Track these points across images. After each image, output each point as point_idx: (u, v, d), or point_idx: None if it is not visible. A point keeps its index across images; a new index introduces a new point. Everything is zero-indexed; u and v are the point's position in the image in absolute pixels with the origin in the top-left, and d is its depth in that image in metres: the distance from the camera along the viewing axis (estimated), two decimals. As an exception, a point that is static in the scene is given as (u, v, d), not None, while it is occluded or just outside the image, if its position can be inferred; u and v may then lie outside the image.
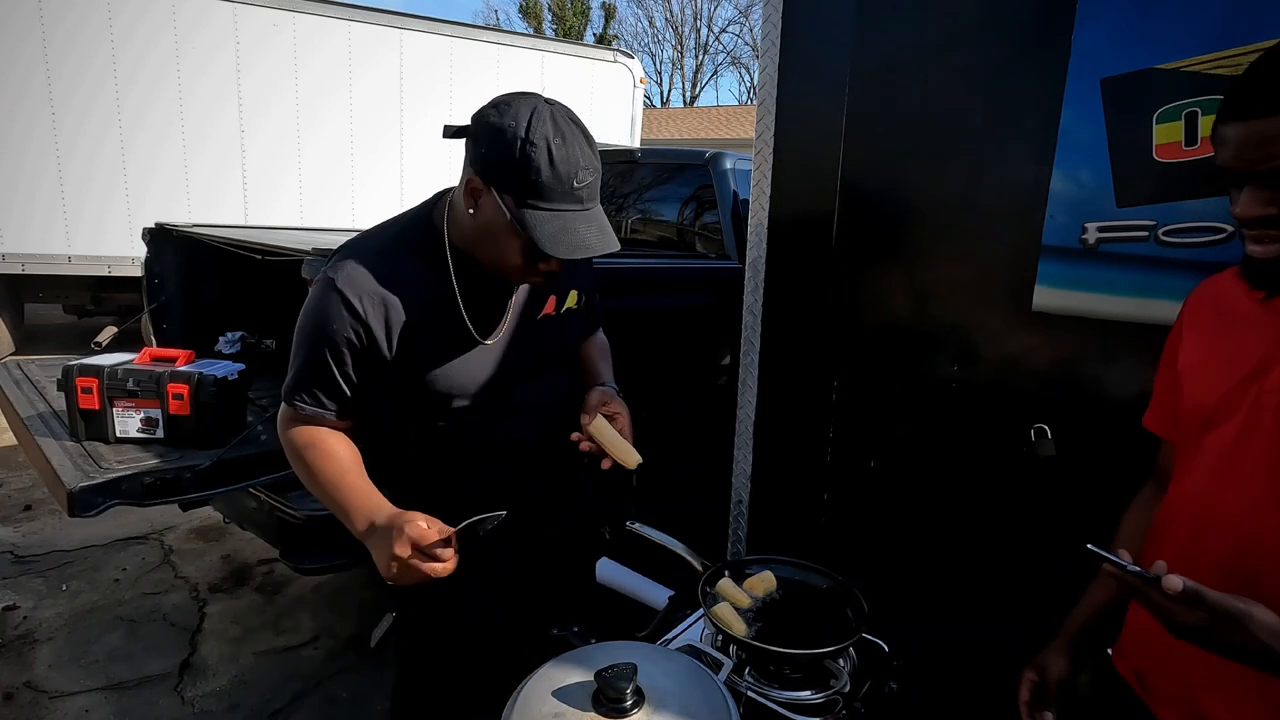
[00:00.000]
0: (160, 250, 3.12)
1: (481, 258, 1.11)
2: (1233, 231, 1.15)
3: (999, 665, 1.47)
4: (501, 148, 1.01)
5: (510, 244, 1.05)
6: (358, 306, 1.07)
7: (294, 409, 1.15)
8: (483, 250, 1.10)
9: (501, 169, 1.01)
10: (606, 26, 28.82)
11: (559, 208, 1.02)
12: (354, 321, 1.07)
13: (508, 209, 1.02)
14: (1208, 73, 1.15)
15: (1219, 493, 0.84)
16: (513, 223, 1.02)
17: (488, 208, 1.05)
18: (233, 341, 3.18)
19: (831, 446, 1.71)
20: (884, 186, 1.58)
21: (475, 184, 1.05)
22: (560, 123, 1.02)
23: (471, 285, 1.14)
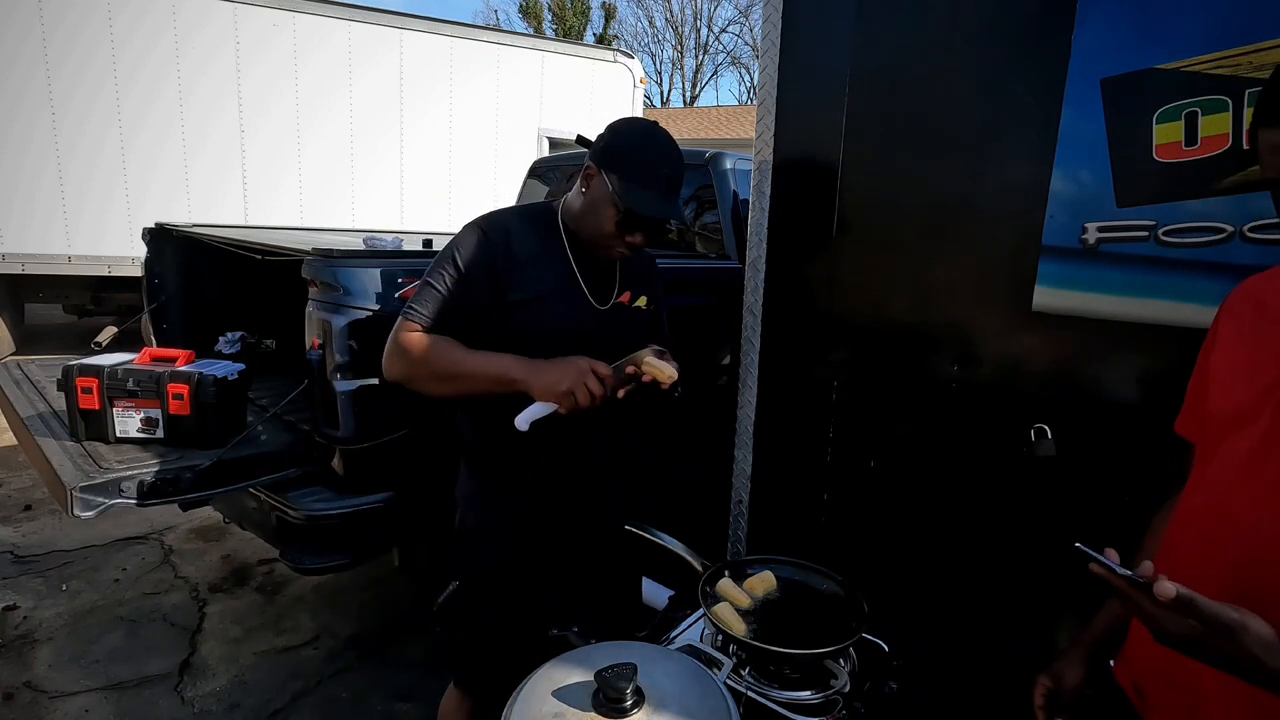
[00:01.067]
0: (160, 250, 3.12)
1: (585, 229, 1.38)
2: (1233, 231, 1.15)
3: (999, 665, 1.47)
4: (619, 140, 1.35)
5: (607, 213, 1.33)
6: (490, 233, 1.35)
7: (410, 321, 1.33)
8: (586, 222, 1.38)
9: (611, 151, 1.34)
10: (606, 26, 28.82)
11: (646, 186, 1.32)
12: (490, 248, 1.34)
13: (610, 184, 1.31)
14: (1208, 73, 1.15)
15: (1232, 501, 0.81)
16: (612, 194, 1.31)
17: (596, 186, 1.35)
18: (233, 341, 3.18)
19: (831, 446, 1.71)
20: (884, 186, 1.58)
21: (591, 169, 1.36)
22: (657, 129, 1.38)
23: (582, 259, 1.41)
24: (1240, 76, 1.12)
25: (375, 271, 2.04)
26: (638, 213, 1.31)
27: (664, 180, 1.35)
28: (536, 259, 1.38)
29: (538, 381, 1.24)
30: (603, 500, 1.54)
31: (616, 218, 1.33)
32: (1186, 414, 1.01)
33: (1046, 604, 1.42)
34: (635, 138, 1.36)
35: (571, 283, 1.40)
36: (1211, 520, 0.84)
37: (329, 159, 6.56)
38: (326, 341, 2.02)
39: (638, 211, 1.31)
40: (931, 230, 1.51)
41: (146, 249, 3.11)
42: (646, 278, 1.55)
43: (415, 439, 2.09)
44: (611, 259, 1.43)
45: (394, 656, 2.55)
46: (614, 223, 1.34)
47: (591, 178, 1.36)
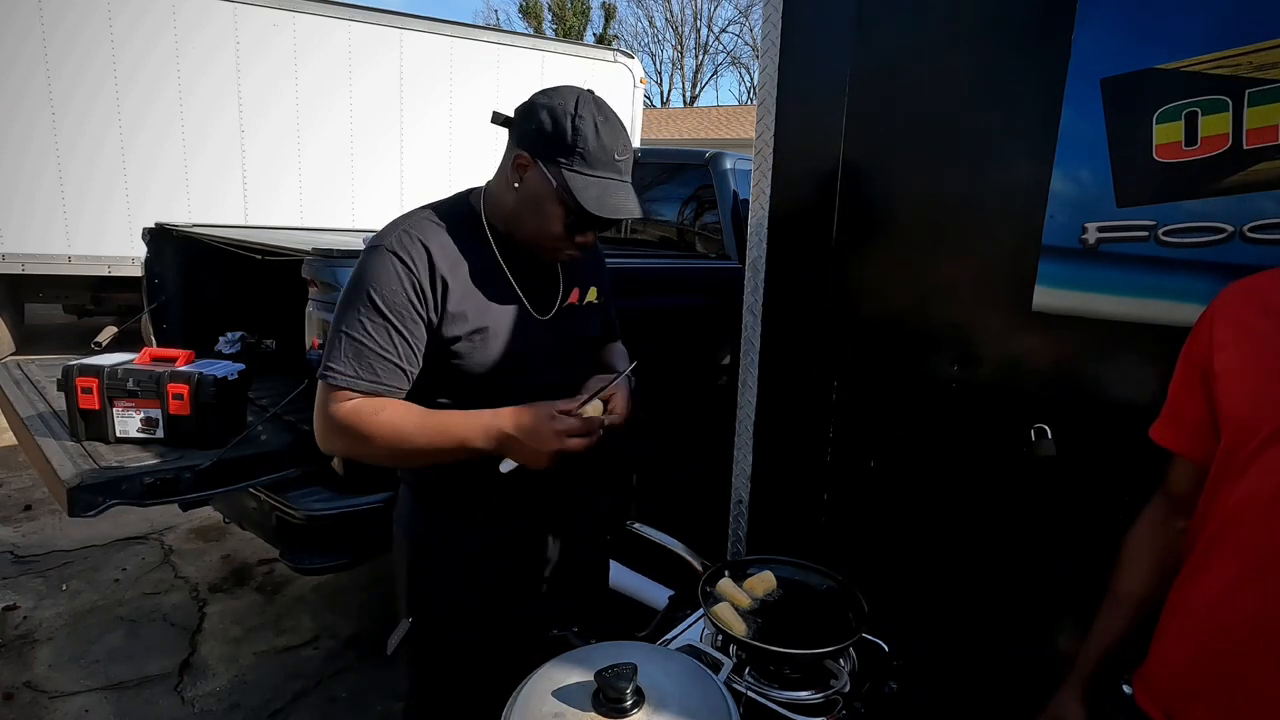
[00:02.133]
0: (160, 250, 3.12)
1: (522, 231, 1.17)
2: (1233, 231, 1.15)
3: (999, 665, 1.47)
4: (552, 122, 1.10)
5: (554, 211, 1.11)
6: (410, 263, 1.09)
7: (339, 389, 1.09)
8: (524, 223, 1.15)
9: (550, 141, 1.10)
10: (606, 26, 28.82)
11: (600, 175, 1.11)
12: (410, 277, 1.09)
13: (553, 177, 1.09)
14: (1208, 73, 1.15)
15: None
16: (558, 189, 1.09)
17: (533, 180, 1.12)
18: (233, 341, 3.18)
19: (831, 446, 1.71)
20: (884, 187, 1.58)
21: (523, 159, 1.12)
22: (602, 104, 1.14)
23: (516, 264, 1.20)
24: (1240, 76, 1.12)
25: (375, 271, 2.03)
26: (599, 213, 1.09)
27: (619, 167, 1.13)
28: (465, 277, 1.14)
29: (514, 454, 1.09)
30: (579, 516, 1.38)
31: (565, 218, 1.12)
32: (1170, 421, 0.97)
33: (1046, 604, 1.42)
34: (577, 118, 1.09)
35: (509, 299, 1.18)
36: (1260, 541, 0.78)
37: (329, 159, 6.56)
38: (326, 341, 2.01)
39: (599, 212, 1.09)
40: (931, 230, 1.51)
41: (146, 249, 3.11)
42: (593, 265, 1.34)
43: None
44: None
45: (394, 656, 2.55)
46: (562, 223, 1.12)
47: (525, 169, 1.12)
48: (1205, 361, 0.89)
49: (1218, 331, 0.89)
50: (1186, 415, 0.93)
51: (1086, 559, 1.35)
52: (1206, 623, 0.84)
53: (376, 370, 1.10)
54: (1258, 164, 1.12)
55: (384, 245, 1.11)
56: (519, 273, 1.20)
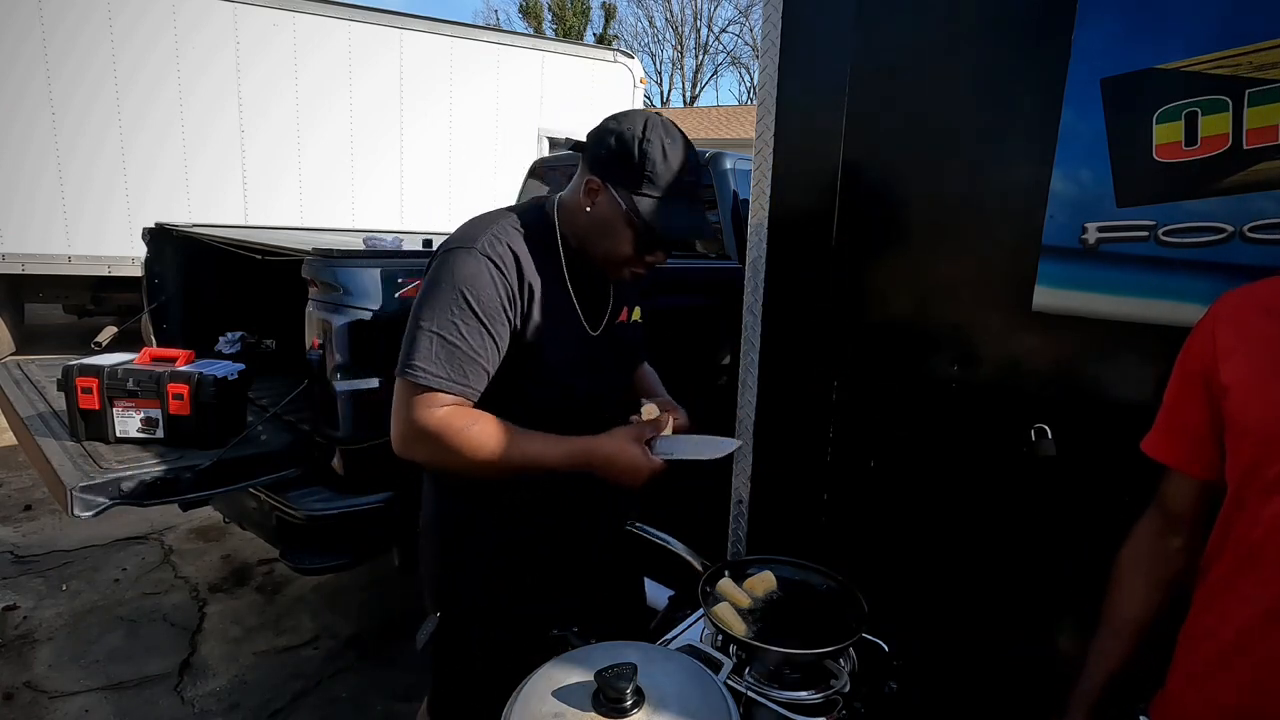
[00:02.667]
0: (160, 250, 3.12)
1: (593, 250, 1.20)
2: (1233, 231, 1.15)
3: (999, 665, 1.47)
4: (620, 147, 1.13)
5: (624, 234, 1.15)
6: (503, 267, 1.12)
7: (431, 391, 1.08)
8: (596, 243, 1.19)
9: (620, 166, 1.13)
10: (606, 26, 28.82)
11: (668, 197, 1.13)
12: (504, 282, 1.12)
13: (623, 201, 1.13)
14: (1208, 73, 1.15)
15: None
16: (627, 212, 1.13)
17: (604, 204, 1.15)
18: (233, 341, 3.19)
19: (831, 446, 1.71)
20: (884, 187, 1.58)
21: (594, 183, 1.15)
22: (669, 127, 1.16)
23: (578, 278, 1.23)
24: (1240, 76, 1.12)
25: (375, 271, 2.04)
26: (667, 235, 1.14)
27: (689, 187, 1.15)
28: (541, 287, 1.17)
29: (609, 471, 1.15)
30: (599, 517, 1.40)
31: (635, 240, 1.15)
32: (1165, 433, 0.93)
33: (1046, 604, 1.42)
34: (645, 142, 1.11)
35: (569, 312, 1.22)
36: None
37: (329, 159, 6.57)
38: (326, 341, 2.02)
39: (667, 234, 1.14)
40: (931, 230, 1.51)
41: (146, 249, 3.11)
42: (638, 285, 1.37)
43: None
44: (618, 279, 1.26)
45: (394, 656, 2.55)
46: (632, 245, 1.15)
47: (596, 193, 1.15)
48: (1208, 371, 0.84)
49: (1221, 339, 0.84)
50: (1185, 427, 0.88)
51: (1086, 559, 1.35)
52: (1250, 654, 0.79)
53: (467, 373, 1.10)
54: (1258, 164, 1.12)
55: (476, 248, 1.12)
56: (579, 287, 1.23)
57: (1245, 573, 0.80)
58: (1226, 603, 0.83)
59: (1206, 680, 0.84)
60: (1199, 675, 0.85)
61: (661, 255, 1.20)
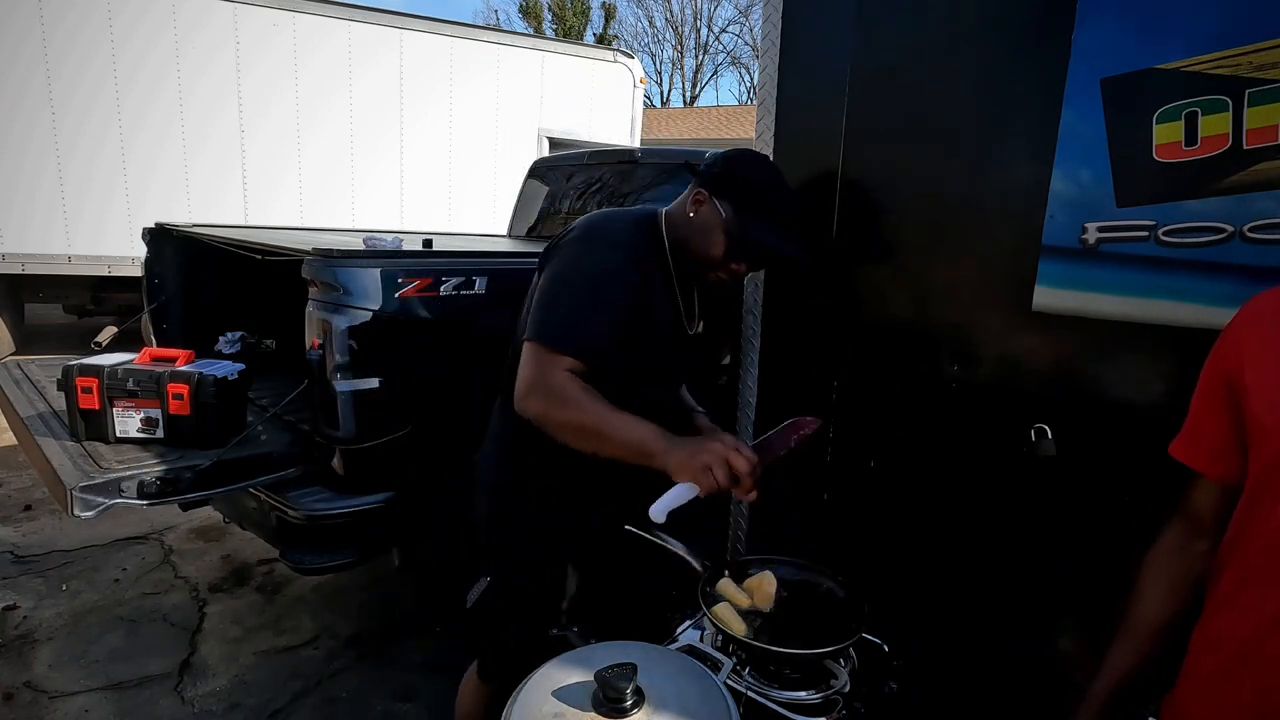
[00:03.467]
0: (160, 250, 3.12)
1: (687, 253, 1.36)
2: (1233, 231, 1.15)
3: (999, 665, 1.47)
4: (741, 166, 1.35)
5: (718, 239, 1.31)
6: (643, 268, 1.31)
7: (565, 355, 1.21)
8: (690, 246, 1.35)
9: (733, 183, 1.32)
10: (606, 26, 28.82)
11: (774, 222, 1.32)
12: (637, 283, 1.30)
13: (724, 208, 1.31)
14: (1208, 73, 1.15)
15: None
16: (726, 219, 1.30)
17: (705, 211, 1.33)
18: (233, 341, 3.18)
19: (831, 446, 1.71)
20: (884, 186, 1.58)
21: (700, 195, 1.33)
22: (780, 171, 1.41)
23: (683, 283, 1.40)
24: (1240, 76, 1.12)
25: (375, 271, 2.04)
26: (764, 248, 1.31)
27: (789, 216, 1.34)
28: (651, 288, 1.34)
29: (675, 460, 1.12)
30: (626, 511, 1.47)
31: (728, 247, 1.31)
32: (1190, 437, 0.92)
33: (1046, 604, 1.42)
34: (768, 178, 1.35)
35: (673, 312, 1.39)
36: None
37: (329, 159, 6.56)
38: (326, 341, 2.02)
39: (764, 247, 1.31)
40: (931, 230, 1.51)
41: (146, 249, 3.11)
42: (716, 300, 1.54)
43: (415, 439, 2.09)
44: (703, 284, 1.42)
45: (394, 656, 2.55)
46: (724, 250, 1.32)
47: (701, 204, 1.34)
48: (1233, 375, 0.84)
49: (1246, 341, 0.84)
50: (1210, 431, 0.88)
51: (1086, 559, 1.35)
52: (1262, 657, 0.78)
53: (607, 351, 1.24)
54: (1258, 164, 1.12)
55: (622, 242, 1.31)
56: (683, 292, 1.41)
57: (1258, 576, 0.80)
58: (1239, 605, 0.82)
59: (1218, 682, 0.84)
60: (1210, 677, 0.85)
61: (744, 265, 1.35)
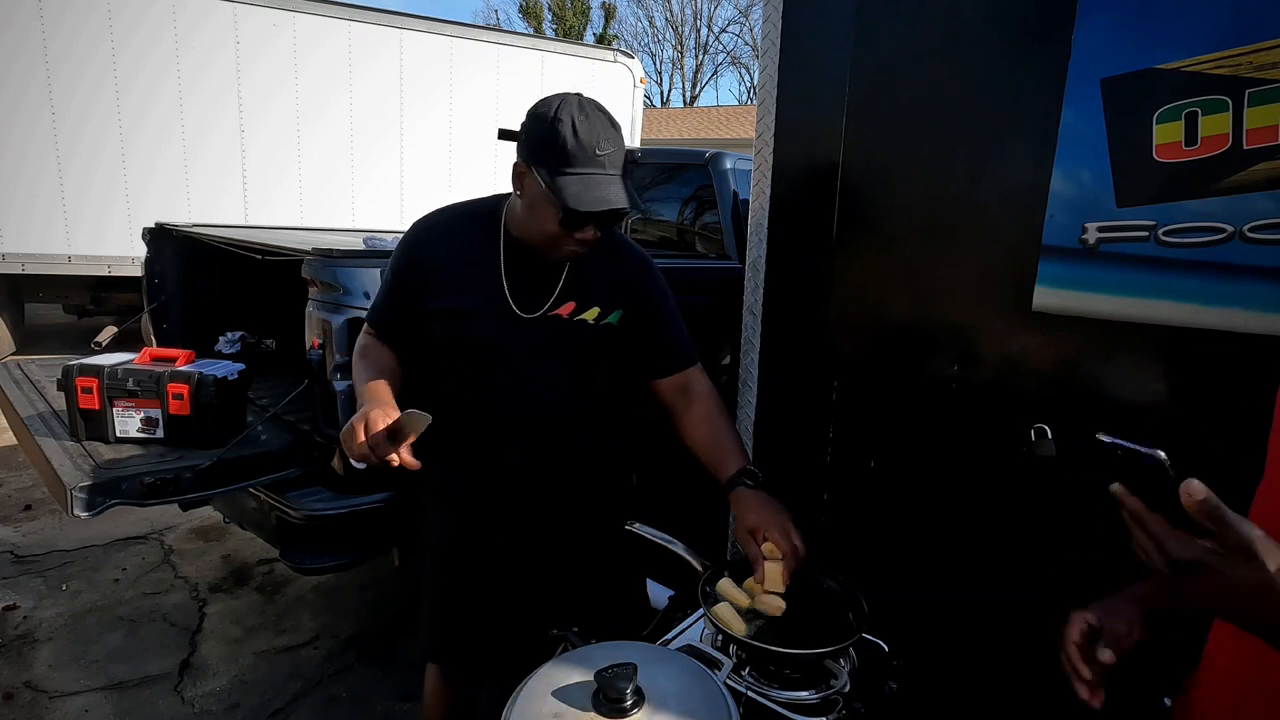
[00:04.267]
0: (160, 250, 3.12)
1: (529, 235, 1.28)
2: (1233, 231, 1.15)
3: (999, 665, 1.47)
4: (536, 128, 1.20)
5: (547, 212, 1.20)
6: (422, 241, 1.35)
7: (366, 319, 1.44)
8: (528, 226, 1.26)
9: (537, 146, 1.20)
10: (606, 26, 28.81)
11: (584, 172, 1.17)
12: (413, 255, 1.35)
13: (542, 180, 1.18)
14: (1208, 73, 1.15)
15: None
16: (546, 190, 1.17)
17: (529, 185, 1.22)
18: (233, 341, 3.19)
19: (831, 446, 1.71)
20: (884, 186, 1.58)
21: (520, 167, 1.23)
22: (584, 104, 1.21)
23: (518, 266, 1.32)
24: (1240, 76, 1.12)
25: (375, 271, 2.04)
26: (578, 209, 1.16)
27: (599, 162, 1.18)
28: (467, 265, 1.31)
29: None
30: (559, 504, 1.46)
31: (558, 216, 1.19)
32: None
33: (1046, 604, 1.42)
34: (556, 120, 1.17)
35: (496, 291, 1.31)
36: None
37: (329, 159, 6.56)
38: (326, 341, 2.02)
39: (574, 206, 1.16)
40: (931, 230, 1.51)
41: (146, 249, 3.11)
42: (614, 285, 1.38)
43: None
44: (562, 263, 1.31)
45: (394, 656, 2.55)
46: (556, 222, 1.20)
47: (523, 176, 1.23)
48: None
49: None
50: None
51: (1086, 559, 1.35)
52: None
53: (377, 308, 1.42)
54: (1258, 164, 1.12)
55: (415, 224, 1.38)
56: (514, 273, 1.32)
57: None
58: None
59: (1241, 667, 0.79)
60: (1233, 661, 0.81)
61: (591, 232, 1.23)
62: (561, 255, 1.27)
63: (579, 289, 1.35)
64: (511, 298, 1.31)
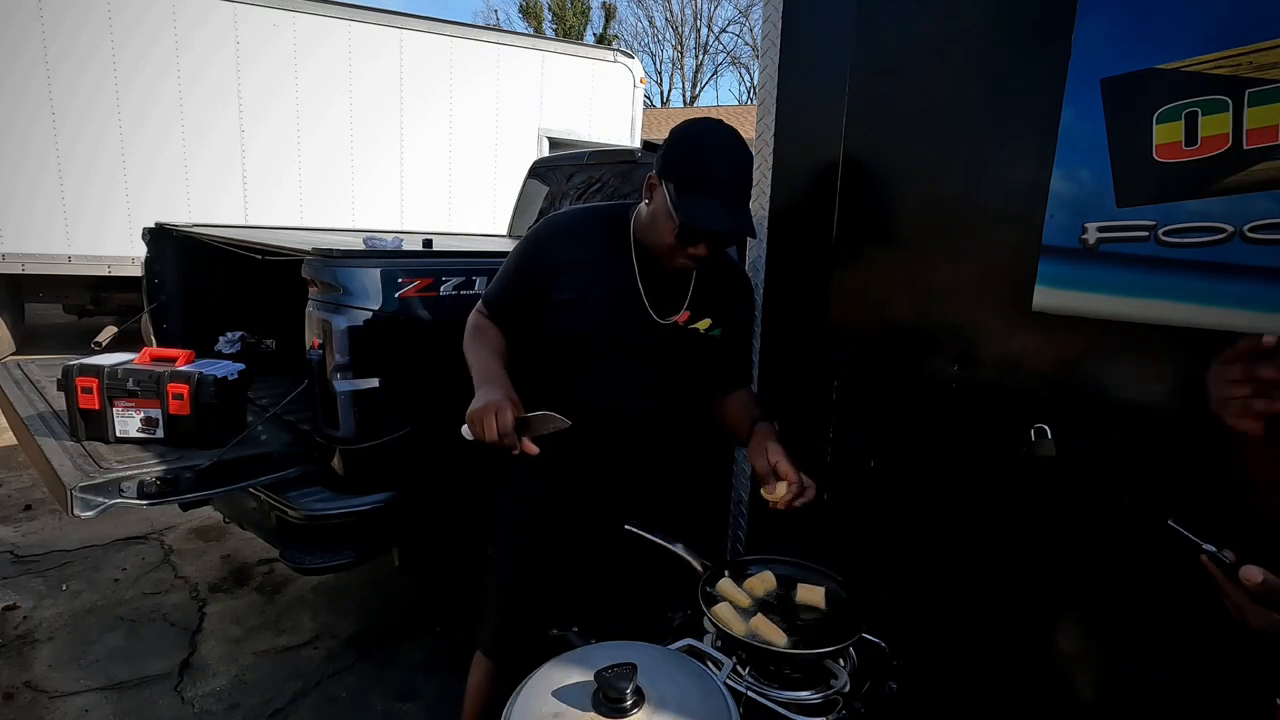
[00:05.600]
0: (160, 250, 3.12)
1: (649, 240, 1.36)
2: (1233, 231, 1.15)
3: (999, 665, 1.47)
4: (674, 144, 1.31)
5: (667, 225, 1.29)
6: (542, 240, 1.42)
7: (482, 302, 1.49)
8: (649, 234, 1.35)
9: (669, 162, 1.30)
10: (606, 26, 28.80)
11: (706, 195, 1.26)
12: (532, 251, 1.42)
13: (669, 194, 1.27)
14: (1208, 73, 1.15)
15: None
16: (670, 206, 1.27)
17: (657, 197, 1.32)
18: (233, 341, 3.19)
19: (831, 446, 1.71)
20: (884, 187, 1.58)
21: (653, 179, 1.33)
22: (723, 132, 1.30)
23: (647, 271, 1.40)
24: (1240, 76, 1.12)
25: (375, 271, 2.04)
26: (694, 226, 1.25)
27: (724, 187, 1.27)
28: (593, 261, 1.39)
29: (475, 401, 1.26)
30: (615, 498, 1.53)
31: (675, 230, 1.28)
32: None
33: (1046, 604, 1.42)
34: (692, 142, 1.29)
35: (628, 289, 1.39)
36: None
37: (329, 159, 6.56)
38: (326, 341, 2.02)
39: (694, 225, 1.25)
40: (931, 230, 1.51)
41: (146, 249, 3.11)
42: (724, 300, 1.50)
43: (415, 438, 2.09)
44: (684, 273, 1.41)
45: (394, 656, 2.55)
46: (673, 234, 1.29)
47: (653, 188, 1.33)
48: None
49: None
50: None
51: (1086, 559, 1.35)
52: None
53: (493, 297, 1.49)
54: (1258, 164, 1.12)
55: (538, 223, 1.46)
56: (651, 277, 1.41)
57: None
58: None
59: None
60: None
61: (703, 249, 1.31)
62: (674, 266, 1.36)
63: (696, 298, 1.45)
64: (647, 300, 1.40)
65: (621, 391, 1.45)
